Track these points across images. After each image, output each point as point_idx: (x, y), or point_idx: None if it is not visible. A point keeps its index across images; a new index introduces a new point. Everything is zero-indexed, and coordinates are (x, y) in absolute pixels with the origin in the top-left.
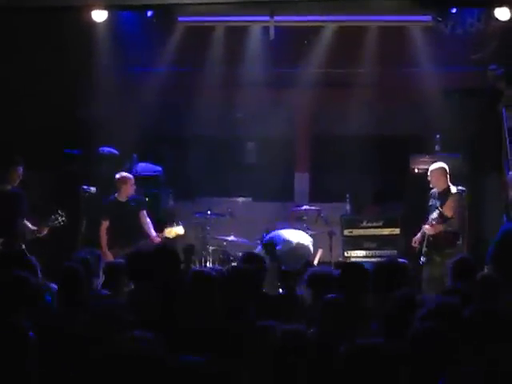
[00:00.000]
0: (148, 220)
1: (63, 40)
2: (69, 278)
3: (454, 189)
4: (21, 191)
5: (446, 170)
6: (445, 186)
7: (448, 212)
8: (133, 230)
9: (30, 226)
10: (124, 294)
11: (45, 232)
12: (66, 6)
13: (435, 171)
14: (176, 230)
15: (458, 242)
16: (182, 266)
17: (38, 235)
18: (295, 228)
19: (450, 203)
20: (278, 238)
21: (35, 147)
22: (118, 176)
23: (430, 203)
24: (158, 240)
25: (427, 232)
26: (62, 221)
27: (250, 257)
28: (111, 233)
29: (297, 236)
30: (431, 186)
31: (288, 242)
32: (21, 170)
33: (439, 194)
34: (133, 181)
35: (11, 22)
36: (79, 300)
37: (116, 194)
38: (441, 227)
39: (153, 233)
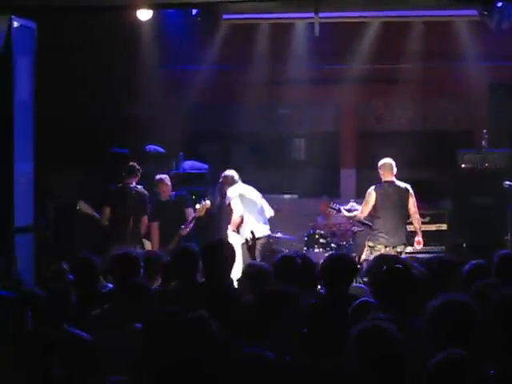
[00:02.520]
0: (190, 218)
1: (108, 39)
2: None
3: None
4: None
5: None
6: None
7: None
8: (176, 226)
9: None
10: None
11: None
12: (111, 6)
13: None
14: (205, 205)
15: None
16: None
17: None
18: None
19: None
20: None
21: (82, 146)
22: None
23: None
24: (188, 227)
25: None
26: None
27: None
28: (159, 231)
29: None
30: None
31: None
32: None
33: None
34: (165, 181)
35: (56, 21)
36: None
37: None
38: None
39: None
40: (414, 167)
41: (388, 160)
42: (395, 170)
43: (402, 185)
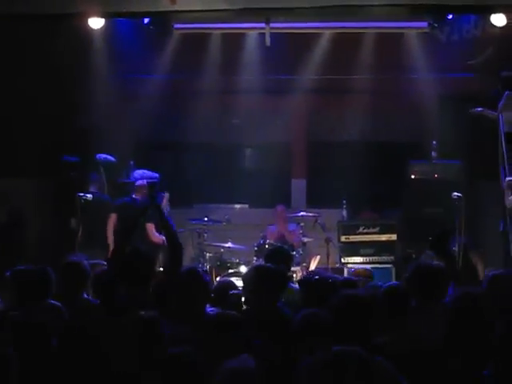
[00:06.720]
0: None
1: (59, 48)
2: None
3: None
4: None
5: None
6: None
7: None
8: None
9: None
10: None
11: None
12: (62, 14)
13: None
14: None
15: None
16: None
17: None
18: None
19: None
20: None
21: (32, 155)
22: None
23: None
24: None
25: None
26: None
27: None
28: None
29: None
30: None
31: None
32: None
33: None
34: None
35: (6, 29)
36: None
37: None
38: None
39: None
40: (364, 178)
41: None
42: None
43: None
